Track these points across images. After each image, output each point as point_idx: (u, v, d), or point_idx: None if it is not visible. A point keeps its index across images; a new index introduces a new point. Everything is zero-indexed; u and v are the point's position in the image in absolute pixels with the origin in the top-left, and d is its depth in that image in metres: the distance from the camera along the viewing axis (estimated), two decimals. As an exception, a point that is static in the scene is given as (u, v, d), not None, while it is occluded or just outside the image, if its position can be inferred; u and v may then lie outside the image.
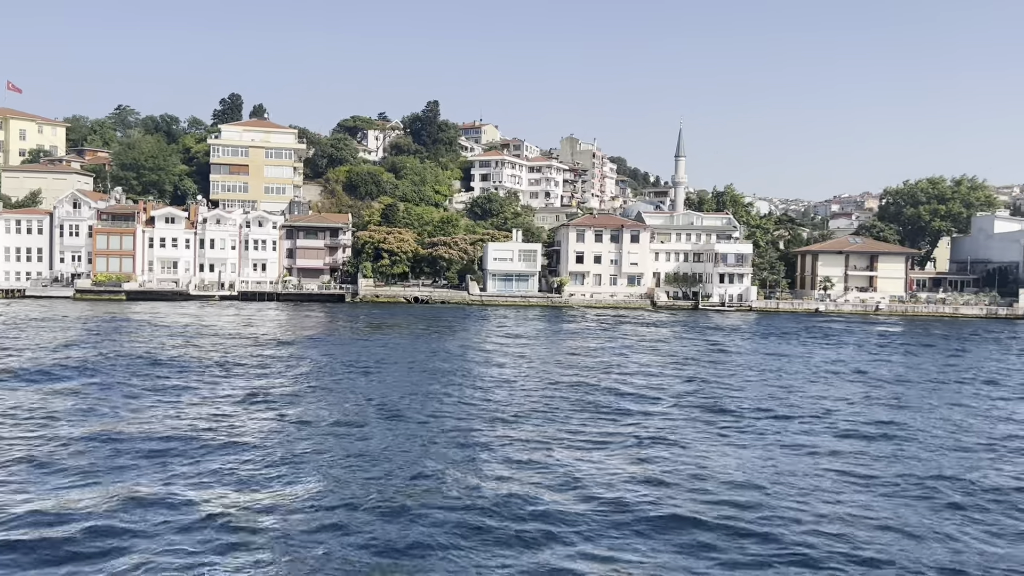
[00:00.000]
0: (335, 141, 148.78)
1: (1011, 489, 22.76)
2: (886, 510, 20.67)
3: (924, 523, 19.77)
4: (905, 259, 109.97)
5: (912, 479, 23.53)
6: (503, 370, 43.96)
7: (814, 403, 35.87)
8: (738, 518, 19.54)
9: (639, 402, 34.74)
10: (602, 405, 33.73)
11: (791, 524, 19.28)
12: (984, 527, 19.64)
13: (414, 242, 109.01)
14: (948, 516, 20.41)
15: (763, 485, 22.35)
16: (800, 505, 20.73)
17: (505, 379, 40.49)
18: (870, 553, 17.68)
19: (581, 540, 17.93)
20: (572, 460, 24.38)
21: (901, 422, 31.95)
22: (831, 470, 24.28)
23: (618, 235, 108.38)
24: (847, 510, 20.54)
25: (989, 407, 36.28)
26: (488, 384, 38.57)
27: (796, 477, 23.38)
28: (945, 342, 68.33)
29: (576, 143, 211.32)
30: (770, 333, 72.50)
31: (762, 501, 20.91)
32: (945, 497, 21.90)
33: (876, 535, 18.80)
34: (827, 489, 22.28)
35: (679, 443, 27.19)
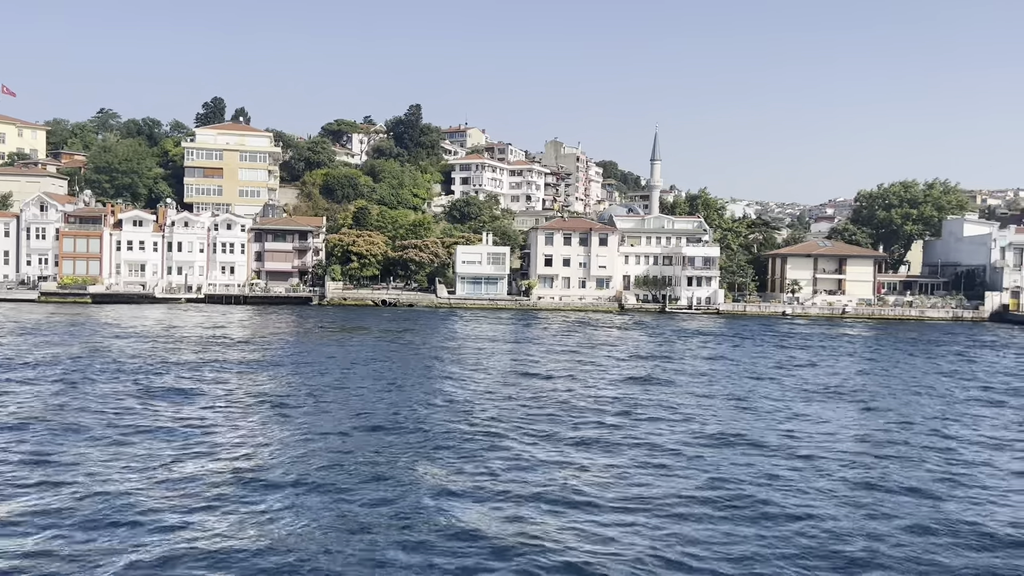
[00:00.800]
0: (312, 145, 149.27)
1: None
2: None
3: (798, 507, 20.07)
4: (873, 262, 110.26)
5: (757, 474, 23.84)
6: (440, 374, 44.26)
7: (688, 404, 36.18)
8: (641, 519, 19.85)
9: (564, 408, 35.02)
10: (529, 412, 34.01)
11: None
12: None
13: (384, 245, 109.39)
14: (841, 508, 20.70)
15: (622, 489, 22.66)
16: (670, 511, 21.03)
17: (439, 386, 40.80)
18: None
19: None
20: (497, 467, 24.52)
21: (748, 424, 32.24)
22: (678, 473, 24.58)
23: (587, 238, 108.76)
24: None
25: (874, 410, 36.55)
26: (426, 390, 38.54)
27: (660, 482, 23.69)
28: (893, 345, 68.61)
29: (560, 147, 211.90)
30: (725, 336, 72.81)
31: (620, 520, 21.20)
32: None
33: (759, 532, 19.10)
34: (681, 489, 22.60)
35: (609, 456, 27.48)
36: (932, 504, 21.82)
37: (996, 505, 21.93)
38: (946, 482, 24.09)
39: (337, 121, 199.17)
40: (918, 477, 24.55)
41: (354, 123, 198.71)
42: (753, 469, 24.83)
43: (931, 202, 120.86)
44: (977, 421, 34.16)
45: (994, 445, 29.40)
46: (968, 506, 21.76)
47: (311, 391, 36.71)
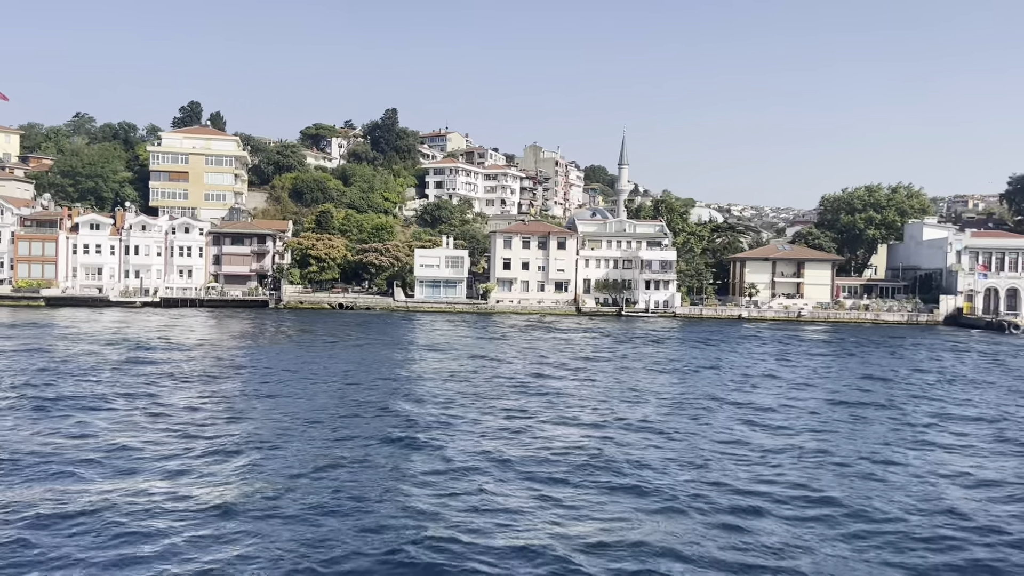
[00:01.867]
0: (282, 149, 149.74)
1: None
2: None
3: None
4: (831, 266, 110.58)
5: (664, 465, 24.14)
6: (359, 377, 44.59)
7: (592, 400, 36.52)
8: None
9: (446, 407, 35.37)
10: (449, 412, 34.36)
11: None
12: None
13: (344, 248, 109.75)
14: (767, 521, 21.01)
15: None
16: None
17: (358, 388, 41.12)
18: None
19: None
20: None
21: (656, 419, 32.56)
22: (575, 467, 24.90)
23: (545, 242, 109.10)
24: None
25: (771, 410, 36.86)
26: (337, 394, 38.82)
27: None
28: (830, 348, 68.92)
29: (539, 151, 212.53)
30: (668, 339, 73.15)
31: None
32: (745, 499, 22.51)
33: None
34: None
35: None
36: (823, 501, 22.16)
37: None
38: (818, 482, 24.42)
39: (315, 125, 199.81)
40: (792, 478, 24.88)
41: (333, 127, 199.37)
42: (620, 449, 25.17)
43: (894, 206, 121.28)
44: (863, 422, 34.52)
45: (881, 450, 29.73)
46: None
47: (223, 397, 36.98)
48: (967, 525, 20.81)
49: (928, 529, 20.37)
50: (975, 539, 19.84)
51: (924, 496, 23.28)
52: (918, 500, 22.83)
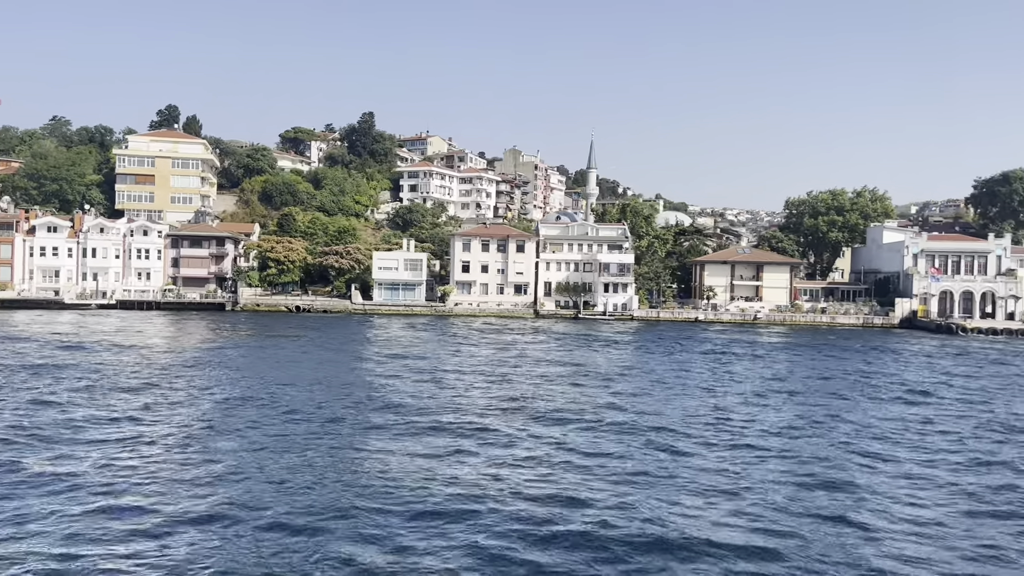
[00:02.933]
0: (252, 152, 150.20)
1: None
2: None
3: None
4: (789, 269, 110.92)
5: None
6: (281, 381, 44.91)
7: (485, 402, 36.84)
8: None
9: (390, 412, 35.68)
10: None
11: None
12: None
13: (304, 251, 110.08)
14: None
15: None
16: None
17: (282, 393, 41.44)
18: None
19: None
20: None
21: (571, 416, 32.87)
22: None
23: (504, 245, 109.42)
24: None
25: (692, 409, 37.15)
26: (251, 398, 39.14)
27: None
28: (764, 352, 69.21)
29: (519, 155, 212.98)
30: (614, 342, 73.44)
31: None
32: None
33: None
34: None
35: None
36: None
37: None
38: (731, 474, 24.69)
39: (295, 129, 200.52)
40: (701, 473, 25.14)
41: (312, 131, 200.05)
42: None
43: (858, 210, 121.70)
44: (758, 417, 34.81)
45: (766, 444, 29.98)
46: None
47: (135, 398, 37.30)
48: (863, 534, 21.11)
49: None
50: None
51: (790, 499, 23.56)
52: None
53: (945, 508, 22.87)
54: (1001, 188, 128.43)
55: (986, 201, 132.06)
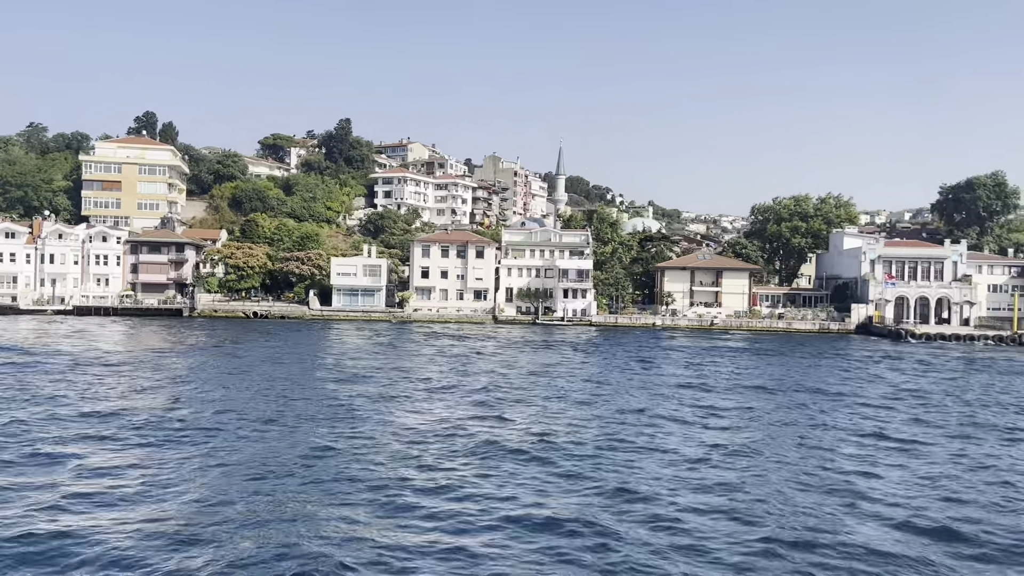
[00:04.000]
0: (223, 158, 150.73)
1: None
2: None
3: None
4: (748, 275, 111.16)
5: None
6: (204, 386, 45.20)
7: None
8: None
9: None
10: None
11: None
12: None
13: (265, 257, 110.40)
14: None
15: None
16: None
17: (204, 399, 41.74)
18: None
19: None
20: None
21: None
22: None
23: (464, 251, 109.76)
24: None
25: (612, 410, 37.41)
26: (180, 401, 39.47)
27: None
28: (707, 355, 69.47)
29: (499, 161, 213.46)
30: (556, 345, 73.72)
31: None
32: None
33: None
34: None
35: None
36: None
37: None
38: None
39: (274, 135, 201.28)
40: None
41: (291, 137, 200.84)
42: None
43: (821, 216, 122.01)
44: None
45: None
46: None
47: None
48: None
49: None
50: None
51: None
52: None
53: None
54: (966, 195, 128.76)
55: (951, 208, 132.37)
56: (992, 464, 29.48)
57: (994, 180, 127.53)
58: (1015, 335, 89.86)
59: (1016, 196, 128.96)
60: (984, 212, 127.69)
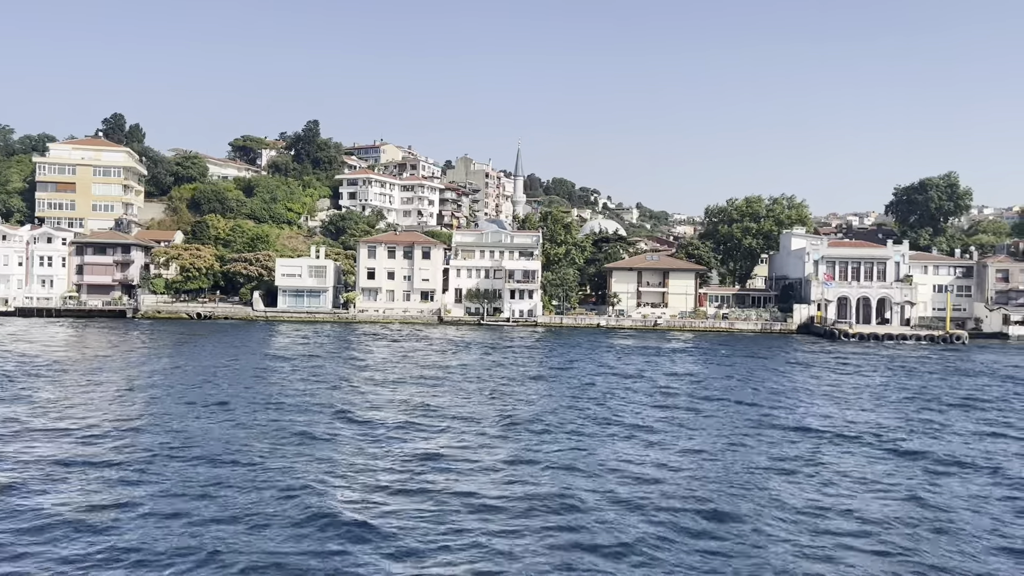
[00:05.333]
0: (181, 159, 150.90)
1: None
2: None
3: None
4: (695, 276, 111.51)
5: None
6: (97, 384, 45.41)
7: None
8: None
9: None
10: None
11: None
12: None
13: (212, 258, 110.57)
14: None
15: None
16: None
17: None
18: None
19: None
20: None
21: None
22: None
23: (411, 252, 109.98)
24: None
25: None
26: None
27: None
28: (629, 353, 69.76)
29: (471, 162, 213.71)
30: (492, 346, 73.97)
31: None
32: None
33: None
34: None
35: None
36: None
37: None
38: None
39: (244, 137, 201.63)
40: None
41: (262, 139, 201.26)
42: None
43: (772, 217, 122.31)
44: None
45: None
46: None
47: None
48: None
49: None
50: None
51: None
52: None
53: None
54: (918, 196, 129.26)
55: (905, 209, 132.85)
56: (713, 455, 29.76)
57: (947, 181, 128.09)
58: (947, 335, 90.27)
59: (968, 197, 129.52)
60: (937, 213, 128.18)
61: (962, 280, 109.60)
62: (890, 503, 24.14)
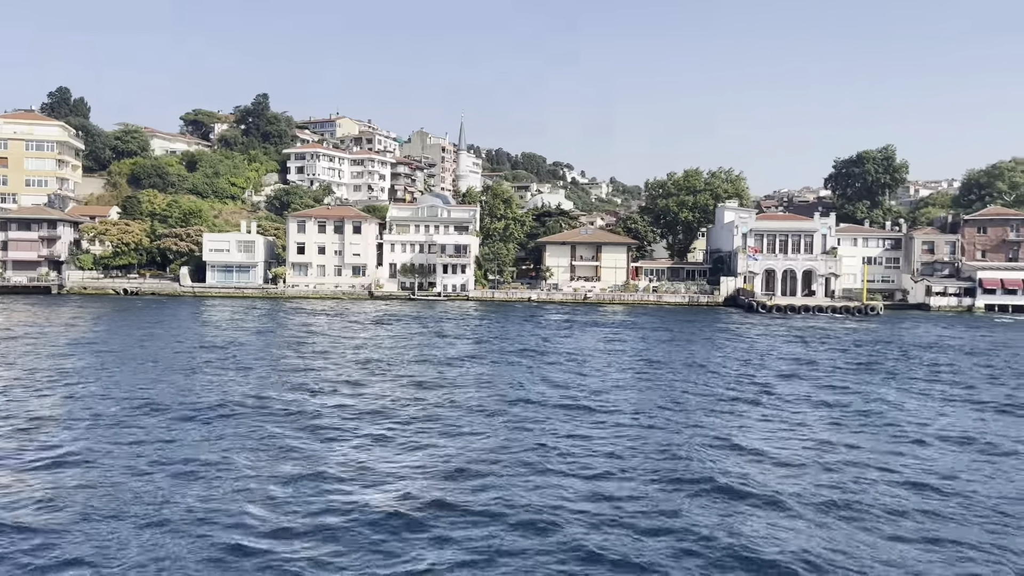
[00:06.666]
0: (121, 134, 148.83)
1: None
2: None
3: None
4: (627, 249, 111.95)
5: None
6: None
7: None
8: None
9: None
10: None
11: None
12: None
13: (141, 233, 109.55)
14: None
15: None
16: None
17: None
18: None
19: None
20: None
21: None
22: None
23: (341, 226, 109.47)
24: None
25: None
26: None
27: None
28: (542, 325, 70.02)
29: (427, 136, 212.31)
30: (412, 319, 73.96)
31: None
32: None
33: None
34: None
35: None
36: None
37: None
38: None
39: (196, 111, 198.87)
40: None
41: (214, 113, 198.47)
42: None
43: (710, 191, 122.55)
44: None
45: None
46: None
47: None
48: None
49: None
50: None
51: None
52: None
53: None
54: (856, 168, 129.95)
55: (844, 182, 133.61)
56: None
57: (884, 154, 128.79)
58: (862, 306, 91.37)
59: (904, 170, 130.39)
60: (874, 185, 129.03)
61: (891, 252, 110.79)
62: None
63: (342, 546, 17.68)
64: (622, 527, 18.83)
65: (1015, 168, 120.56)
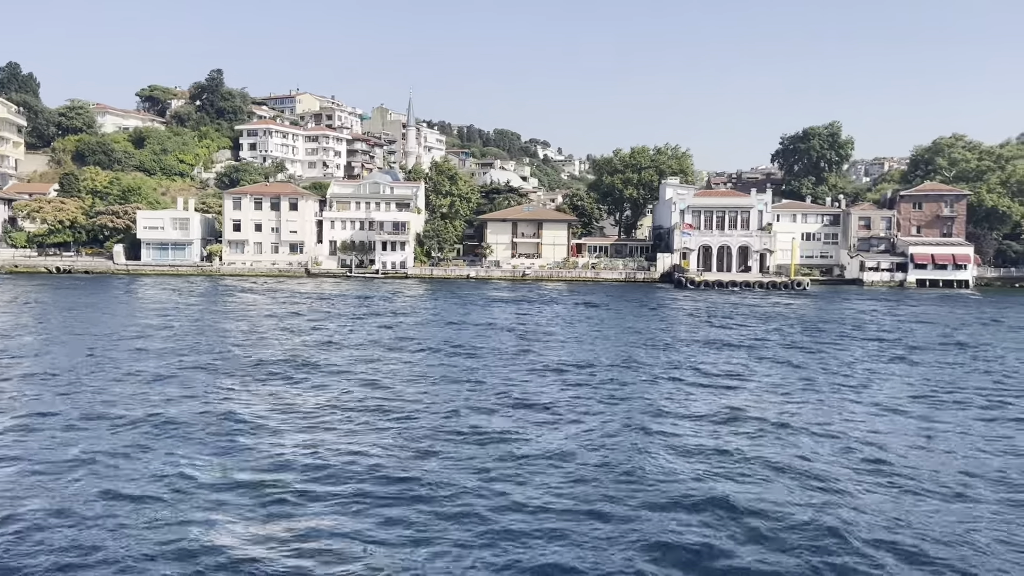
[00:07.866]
0: (66, 110, 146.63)
1: None
2: None
3: None
4: (567, 226, 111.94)
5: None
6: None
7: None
8: None
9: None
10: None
11: None
12: None
13: (76, 211, 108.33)
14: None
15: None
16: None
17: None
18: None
19: None
20: None
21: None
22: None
23: (278, 203, 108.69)
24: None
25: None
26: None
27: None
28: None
29: (387, 112, 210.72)
30: (336, 297, 73.65)
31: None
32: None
33: None
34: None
35: None
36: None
37: None
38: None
39: (151, 87, 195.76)
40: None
41: (170, 88, 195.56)
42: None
43: (655, 167, 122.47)
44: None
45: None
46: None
47: None
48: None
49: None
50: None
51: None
52: None
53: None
54: (802, 144, 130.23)
55: (790, 158, 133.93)
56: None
57: (829, 130, 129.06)
58: (790, 281, 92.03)
59: (850, 146, 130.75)
60: (819, 161, 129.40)
61: (829, 228, 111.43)
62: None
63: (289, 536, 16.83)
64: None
65: (954, 144, 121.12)
